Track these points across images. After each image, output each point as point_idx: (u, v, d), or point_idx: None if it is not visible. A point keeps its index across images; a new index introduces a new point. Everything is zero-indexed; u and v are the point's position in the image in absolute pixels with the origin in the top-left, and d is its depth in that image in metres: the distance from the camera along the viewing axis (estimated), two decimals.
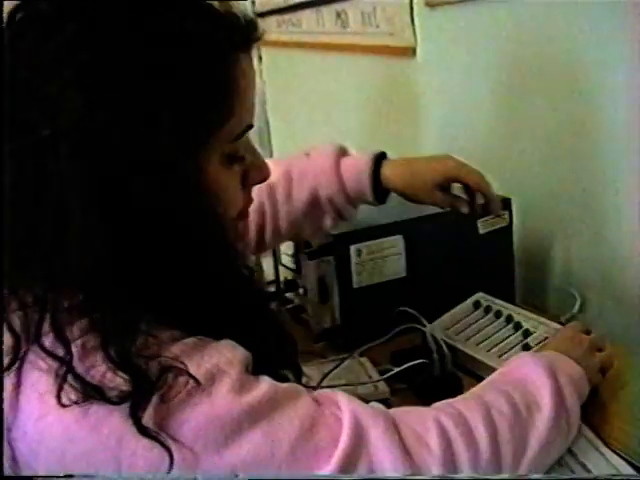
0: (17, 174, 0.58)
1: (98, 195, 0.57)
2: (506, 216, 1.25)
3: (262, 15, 2.37)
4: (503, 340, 1.08)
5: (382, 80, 1.81)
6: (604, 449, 0.85)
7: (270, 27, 2.34)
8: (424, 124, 1.66)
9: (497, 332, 1.10)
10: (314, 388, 0.84)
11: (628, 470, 0.81)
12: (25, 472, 0.60)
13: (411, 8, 1.57)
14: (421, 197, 1.04)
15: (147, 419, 0.57)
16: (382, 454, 0.63)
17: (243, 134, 0.68)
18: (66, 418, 0.57)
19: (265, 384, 0.63)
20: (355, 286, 1.17)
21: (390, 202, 1.09)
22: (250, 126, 0.69)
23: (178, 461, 0.57)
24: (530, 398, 0.75)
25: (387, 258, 1.18)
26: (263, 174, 0.75)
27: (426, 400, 0.98)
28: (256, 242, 1.09)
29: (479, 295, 1.19)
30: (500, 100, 1.40)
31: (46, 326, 0.58)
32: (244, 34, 0.67)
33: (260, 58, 2.44)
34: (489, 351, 1.06)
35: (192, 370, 0.59)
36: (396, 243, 1.18)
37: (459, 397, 0.76)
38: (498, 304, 1.16)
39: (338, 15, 1.90)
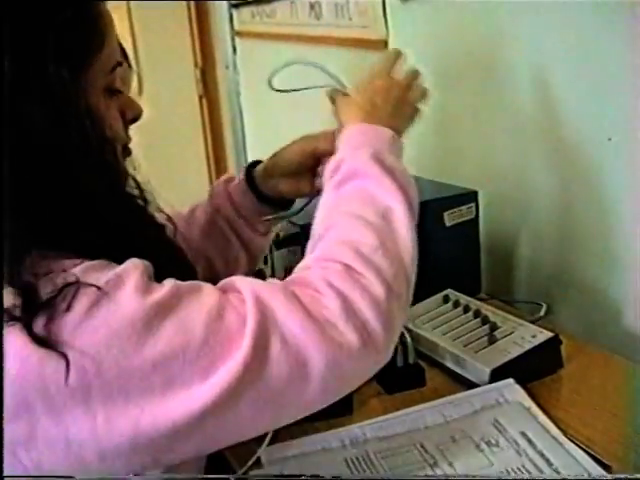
0: None
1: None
2: (472, 208, 1.26)
3: (237, 6, 2.36)
4: (469, 332, 1.09)
5: (354, 72, 1.80)
6: (568, 444, 0.86)
7: (244, 18, 2.33)
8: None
9: (464, 324, 1.11)
10: None
11: (591, 464, 0.82)
12: None
13: (383, 1, 1.57)
14: (300, 186, 1.03)
15: (52, 336, 0.59)
16: (290, 322, 0.65)
17: (116, 68, 0.74)
18: None
19: (168, 282, 0.66)
20: None
21: None
22: (120, 63, 0.75)
23: (88, 369, 0.59)
24: (380, 207, 0.77)
25: None
26: (136, 108, 0.80)
27: (390, 391, 1.00)
28: None
29: (448, 291, 1.20)
30: (469, 93, 1.41)
31: None
32: None
33: (234, 49, 2.43)
34: (454, 340, 1.07)
35: (93, 282, 0.62)
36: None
37: (324, 244, 0.76)
38: (468, 300, 1.17)
39: (312, 7, 1.90)
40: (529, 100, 1.27)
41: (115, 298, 0.62)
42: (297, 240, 1.17)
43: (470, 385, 1.00)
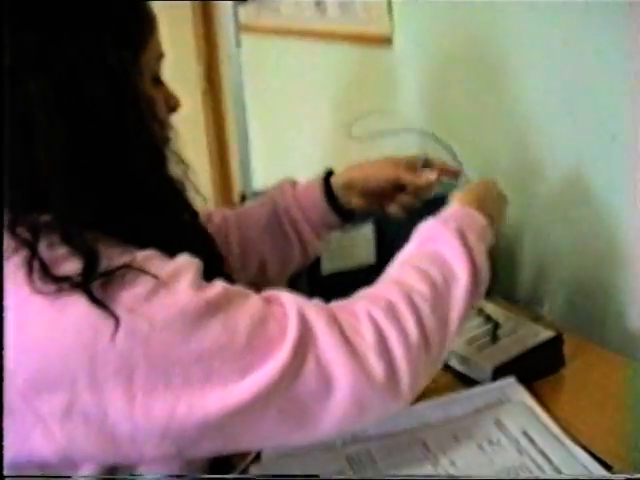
0: None
1: (61, 107, 0.67)
2: None
3: (242, 0, 2.36)
4: (472, 330, 1.08)
5: (358, 67, 1.81)
6: (570, 443, 0.86)
7: (249, 13, 2.33)
8: (399, 113, 1.66)
9: (467, 322, 1.10)
10: None
11: (594, 465, 0.82)
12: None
13: None
14: (375, 203, 1.07)
15: (110, 302, 0.63)
16: (327, 344, 0.69)
17: (161, 58, 0.81)
18: (41, 305, 0.63)
19: (219, 284, 0.70)
20: (324, 273, 1.17)
21: None
22: (162, 55, 0.82)
23: (136, 349, 0.63)
24: (446, 270, 0.80)
25: (357, 245, 1.18)
26: (175, 100, 0.85)
27: None
28: None
29: None
30: (473, 90, 1.41)
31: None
32: None
33: (239, 43, 2.43)
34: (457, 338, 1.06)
35: (154, 271, 0.66)
36: (366, 230, 1.18)
37: (380, 283, 0.81)
38: None
39: (317, 2, 1.89)
40: (532, 98, 1.26)
41: (172, 289, 0.66)
42: None
43: (472, 383, 1.00)
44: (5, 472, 0.66)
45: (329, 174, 1.08)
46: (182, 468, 0.74)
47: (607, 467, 0.82)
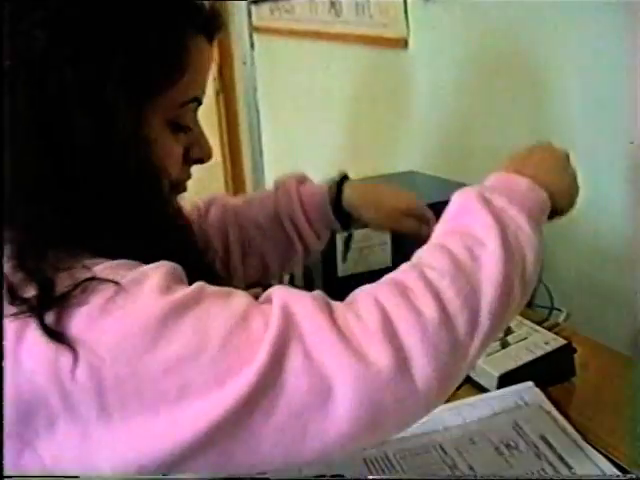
0: None
1: (44, 126, 0.63)
2: None
3: (256, 2, 2.36)
4: None
5: (373, 70, 1.81)
6: (588, 448, 0.86)
7: (263, 14, 2.33)
8: (414, 116, 1.66)
9: None
10: None
11: (611, 469, 0.82)
12: None
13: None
14: (386, 221, 1.05)
15: (64, 330, 0.58)
16: (315, 336, 0.59)
17: (188, 104, 0.73)
18: (7, 328, 0.59)
19: (194, 285, 0.62)
20: (340, 275, 1.17)
21: None
22: (197, 99, 0.74)
23: (100, 367, 0.57)
24: (468, 239, 0.67)
25: (373, 248, 1.19)
26: (205, 151, 0.79)
27: None
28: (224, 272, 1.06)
29: None
30: (490, 94, 1.41)
31: None
32: (204, 17, 0.73)
33: (252, 45, 2.44)
34: None
35: (117, 279, 0.60)
36: (383, 233, 1.18)
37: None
38: None
39: (332, 4, 1.90)
40: (548, 101, 1.26)
41: (132, 295, 0.59)
42: None
43: (483, 389, 1.00)
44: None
45: (343, 179, 1.06)
46: None
47: (625, 472, 0.81)
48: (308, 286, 1.20)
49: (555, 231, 1.29)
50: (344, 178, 1.06)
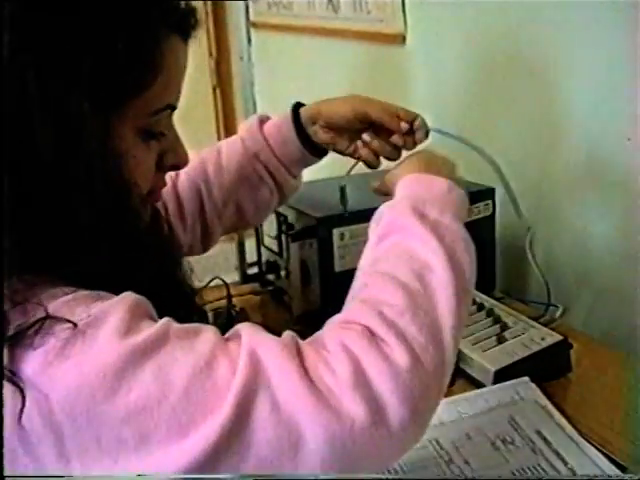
0: None
1: (8, 139, 0.58)
2: (490, 205, 1.26)
3: None
4: (480, 330, 1.08)
5: (371, 66, 1.81)
6: (583, 443, 0.86)
7: (261, 9, 2.33)
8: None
9: (475, 322, 1.10)
10: None
11: (607, 464, 0.82)
12: None
13: None
14: (348, 122, 0.98)
15: (18, 370, 0.55)
16: (284, 386, 0.57)
17: (161, 111, 0.68)
18: None
19: (160, 323, 0.59)
20: (337, 270, 1.17)
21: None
22: (171, 106, 0.69)
23: (56, 413, 0.54)
24: (415, 264, 0.67)
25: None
26: (179, 158, 0.74)
27: None
28: (201, 232, 1.05)
29: None
30: (488, 90, 1.41)
31: None
32: (178, 15, 0.68)
33: (249, 40, 2.42)
34: (464, 338, 1.06)
35: (75, 318, 0.56)
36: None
37: (349, 305, 0.68)
38: (483, 298, 1.17)
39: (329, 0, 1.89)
40: (546, 98, 1.26)
41: (89, 339, 0.56)
42: (313, 233, 1.17)
43: (478, 384, 1.00)
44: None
45: (298, 106, 1.03)
46: None
47: (621, 468, 0.82)
48: (304, 279, 1.20)
49: (552, 227, 1.30)
50: (298, 104, 1.04)
